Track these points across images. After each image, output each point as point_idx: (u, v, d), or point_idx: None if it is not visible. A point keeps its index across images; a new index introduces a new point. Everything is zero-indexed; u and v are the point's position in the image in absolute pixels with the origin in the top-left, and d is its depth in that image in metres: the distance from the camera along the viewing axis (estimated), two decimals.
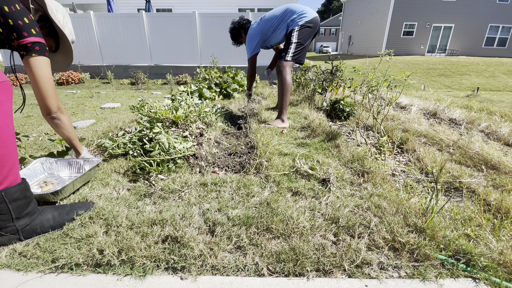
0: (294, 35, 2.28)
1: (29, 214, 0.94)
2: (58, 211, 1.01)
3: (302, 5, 2.38)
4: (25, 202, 0.92)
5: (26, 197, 0.92)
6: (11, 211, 0.88)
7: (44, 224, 0.96)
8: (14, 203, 0.88)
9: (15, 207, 0.88)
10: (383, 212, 1.07)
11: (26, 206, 0.93)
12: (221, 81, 4.04)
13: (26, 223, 0.92)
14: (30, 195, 0.95)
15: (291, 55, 2.30)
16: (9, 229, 0.89)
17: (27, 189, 0.93)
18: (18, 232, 0.91)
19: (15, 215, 0.89)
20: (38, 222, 0.95)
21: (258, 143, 1.79)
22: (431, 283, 0.80)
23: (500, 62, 14.84)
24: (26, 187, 0.93)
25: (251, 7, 11.70)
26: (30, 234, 0.93)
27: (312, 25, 2.31)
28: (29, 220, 0.93)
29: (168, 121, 1.92)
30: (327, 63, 3.38)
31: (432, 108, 3.22)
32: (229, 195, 1.23)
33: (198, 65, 7.21)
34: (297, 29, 2.27)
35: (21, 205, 0.90)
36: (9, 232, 0.89)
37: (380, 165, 1.49)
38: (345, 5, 28.29)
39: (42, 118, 2.83)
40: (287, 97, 2.33)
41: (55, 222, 0.98)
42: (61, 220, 0.99)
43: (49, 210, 1.00)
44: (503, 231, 0.98)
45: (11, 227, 0.89)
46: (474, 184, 1.38)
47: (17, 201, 0.89)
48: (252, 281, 0.79)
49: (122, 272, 0.81)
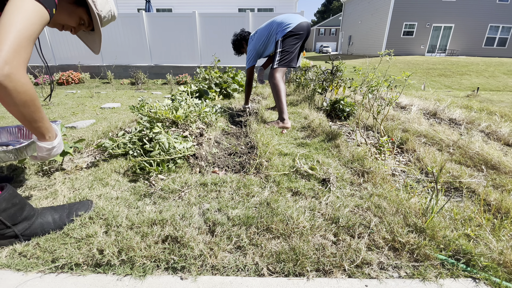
0: (279, 45, 2.47)
1: (27, 219, 0.92)
2: (58, 213, 1.00)
3: (287, 14, 2.53)
4: (16, 209, 0.89)
5: (15, 204, 0.89)
6: (3, 221, 0.86)
7: (45, 228, 0.95)
8: (4, 213, 0.85)
9: (6, 217, 0.86)
10: (383, 212, 1.07)
11: (20, 211, 0.90)
12: (221, 81, 4.04)
13: (25, 227, 0.91)
14: (20, 201, 0.91)
15: (277, 62, 2.49)
16: (9, 235, 0.89)
17: (14, 196, 0.89)
18: (18, 236, 0.90)
19: (11, 223, 0.87)
20: (38, 225, 0.94)
21: (258, 143, 1.79)
22: (431, 283, 0.80)
23: (500, 62, 14.84)
24: (12, 195, 0.89)
25: (251, 7, 11.68)
26: (31, 237, 0.93)
27: (296, 31, 2.43)
28: (27, 224, 0.92)
29: (168, 121, 1.92)
30: (327, 63, 3.38)
31: (432, 108, 3.22)
32: (229, 195, 1.23)
33: (198, 65, 7.21)
34: (281, 39, 2.45)
35: (12, 213, 0.88)
36: (9, 237, 0.89)
37: (380, 165, 1.49)
38: (345, 5, 28.29)
39: None
40: (282, 100, 2.43)
41: (55, 225, 0.97)
42: (61, 222, 0.99)
43: (48, 212, 0.98)
44: (503, 231, 0.98)
45: (10, 232, 0.89)
46: (474, 184, 1.38)
47: (7, 211, 0.86)
48: (252, 281, 0.79)
49: (122, 272, 0.81)
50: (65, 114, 3.00)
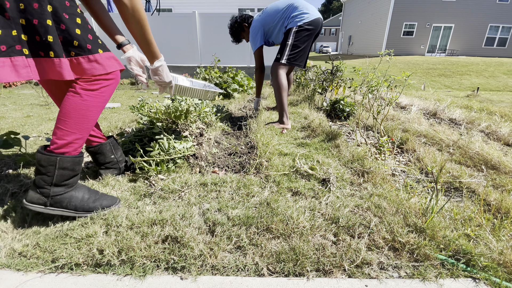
0: (291, 36, 2.15)
1: (66, 186, 0.98)
2: (88, 195, 1.04)
3: (307, 3, 2.23)
4: (70, 173, 0.97)
5: (74, 170, 0.98)
6: (55, 177, 0.94)
7: (71, 201, 0.99)
8: (61, 170, 0.94)
9: (59, 174, 0.94)
10: (383, 212, 1.07)
11: (69, 177, 0.98)
12: (221, 81, 4.04)
13: (59, 192, 0.97)
14: (78, 169, 1.01)
15: (286, 57, 2.18)
16: (44, 191, 0.94)
17: (79, 164, 0.99)
18: (49, 197, 0.95)
19: (55, 181, 0.95)
20: (68, 196, 0.99)
21: (258, 143, 1.79)
22: (431, 283, 0.80)
23: (500, 62, 14.84)
24: (79, 162, 0.99)
25: (251, 7, 11.69)
26: (56, 204, 0.97)
27: (312, 27, 2.18)
28: (63, 190, 0.98)
29: (168, 121, 1.92)
30: (327, 63, 3.38)
31: (432, 108, 3.22)
32: (229, 195, 1.23)
33: (198, 65, 7.20)
34: (295, 29, 2.14)
35: (65, 174, 0.96)
36: (43, 193, 0.95)
37: (380, 165, 1.49)
38: (345, 5, 28.30)
39: (42, 118, 2.82)
40: (284, 99, 2.24)
41: (80, 203, 1.01)
42: (86, 204, 1.02)
43: (82, 190, 1.04)
44: (503, 231, 0.98)
45: (47, 190, 0.94)
46: (474, 184, 1.38)
47: (64, 170, 0.95)
48: (252, 281, 0.79)
49: (122, 272, 0.81)
50: None
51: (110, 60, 0.97)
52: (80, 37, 0.88)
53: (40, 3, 0.80)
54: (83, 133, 0.98)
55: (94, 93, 0.96)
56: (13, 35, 0.79)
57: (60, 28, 0.84)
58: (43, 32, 0.81)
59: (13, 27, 0.78)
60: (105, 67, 0.94)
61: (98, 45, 0.94)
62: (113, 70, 0.97)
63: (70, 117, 0.93)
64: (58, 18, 0.84)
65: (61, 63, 0.85)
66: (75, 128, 0.94)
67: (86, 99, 0.94)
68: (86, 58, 0.90)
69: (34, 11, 0.79)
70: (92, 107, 0.96)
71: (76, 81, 0.92)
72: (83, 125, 0.96)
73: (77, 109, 0.93)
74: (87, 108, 0.95)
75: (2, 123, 2.55)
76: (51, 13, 0.82)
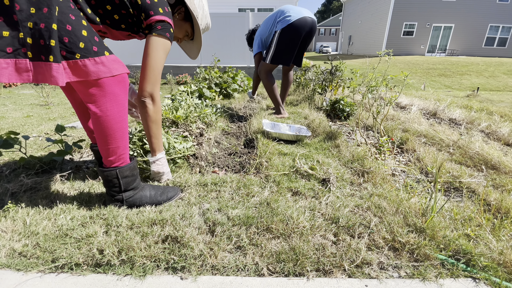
0: (275, 38, 2.35)
1: (134, 189, 1.12)
2: (154, 191, 1.16)
3: (294, 6, 2.38)
4: (132, 178, 1.10)
5: (134, 175, 1.11)
6: (121, 185, 1.07)
7: (142, 200, 1.12)
8: (124, 179, 1.07)
9: (124, 182, 1.07)
10: (383, 212, 1.07)
11: (133, 182, 1.11)
12: (221, 81, 4.03)
13: (130, 195, 1.11)
14: (137, 173, 1.13)
15: (270, 57, 2.41)
16: (118, 198, 1.09)
17: (135, 168, 1.12)
18: (123, 201, 1.10)
19: (124, 188, 1.08)
20: (138, 197, 1.12)
21: (258, 142, 1.79)
22: (431, 283, 0.80)
23: (500, 62, 14.84)
24: (135, 167, 1.11)
25: (251, 7, 11.69)
26: (130, 204, 1.11)
27: (294, 28, 2.28)
28: (132, 193, 1.11)
29: (168, 121, 1.92)
30: (326, 63, 3.38)
31: (432, 108, 3.22)
32: (229, 195, 1.23)
33: (198, 65, 7.20)
34: (279, 32, 2.33)
35: (129, 181, 1.09)
36: (118, 200, 1.10)
37: (380, 165, 1.49)
38: (345, 5, 28.30)
39: (42, 118, 2.82)
40: (275, 93, 2.49)
41: (150, 199, 1.13)
42: (155, 199, 1.14)
43: (147, 188, 1.16)
44: (503, 231, 0.98)
45: (120, 196, 1.09)
46: (474, 184, 1.38)
47: (127, 178, 1.08)
48: (252, 281, 0.79)
49: (122, 272, 0.81)
50: (65, 114, 3.00)
51: (116, 63, 0.96)
52: (87, 38, 0.87)
53: (49, 7, 0.80)
54: (122, 142, 1.04)
55: (107, 105, 0.96)
56: (19, 37, 0.79)
57: (66, 29, 0.84)
58: (47, 36, 0.80)
59: (20, 29, 0.78)
60: (111, 70, 0.94)
61: (104, 48, 0.93)
62: (119, 73, 0.97)
63: (103, 136, 0.99)
64: (65, 19, 0.83)
65: (59, 68, 0.84)
66: (113, 143, 1.01)
67: (105, 113, 0.96)
68: (93, 60, 0.89)
69: (43, 15, 0.79)
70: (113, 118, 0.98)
71: (87, 104, 0.95)
72: (117, 136, 1.01)
73: (104, 127, 0.98)
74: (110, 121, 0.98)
75: (2, 123, 2.55)
76: (57, 14, 0.82)
